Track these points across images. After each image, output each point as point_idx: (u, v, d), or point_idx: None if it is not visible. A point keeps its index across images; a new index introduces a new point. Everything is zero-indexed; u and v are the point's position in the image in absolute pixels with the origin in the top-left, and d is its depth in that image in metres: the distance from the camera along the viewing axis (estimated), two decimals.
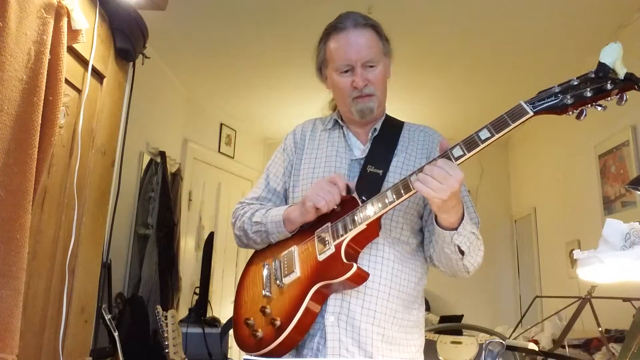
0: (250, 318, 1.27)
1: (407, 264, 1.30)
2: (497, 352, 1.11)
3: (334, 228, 1.22)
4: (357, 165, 1.34)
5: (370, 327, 1.21)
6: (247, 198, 1.48)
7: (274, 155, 1.51)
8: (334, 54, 1.33)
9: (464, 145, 1.09)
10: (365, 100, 1.32)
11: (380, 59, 1.33)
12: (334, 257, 1.18)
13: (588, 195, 3.45)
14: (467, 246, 1.18)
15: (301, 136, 1.47)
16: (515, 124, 1.03)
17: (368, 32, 1.33)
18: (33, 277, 1.40)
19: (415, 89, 4.23)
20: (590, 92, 0.97)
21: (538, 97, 1.03)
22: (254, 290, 1.33)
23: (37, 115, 1.21)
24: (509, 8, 2.97)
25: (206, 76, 4.05)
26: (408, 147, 1.37)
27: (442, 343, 2.30)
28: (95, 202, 1.71)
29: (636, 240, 1.13)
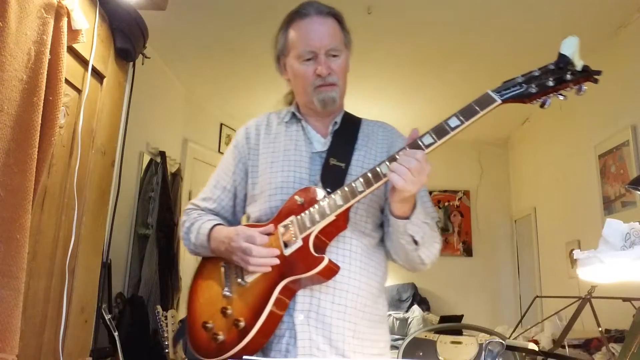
0: (209, 321, 1.20)
1: (374, 257, 1.27)
2: (497, 352, 1.11)
3: (300, 221, 1.16)
4: (318, 158, 1.29)
5: (342, 322, 1.18)
6: (197, 199, 1.41)
7: (225, 153, 1.44)
8: (296, 41, 1.28)
9: (434, 133, 1.08)
10: (328, 89, 1.27)
11: (342, 49, 1.29)
12: (302, 251, 1.13)
13: (588, 195, 3.45)
14: (421, 236, 1.17)
15: (255, 131, 1.39)
16: (484, 111, 1.06)
17: (331, 20, 1.29)
18: (33, 277, 1.40)
19: (415, 89, 4.23)
20: (552, 82, 1.02)
21: (504, 87, 1.07)
22: (212, 291, 1.25)
23: (37, 115, 1.21)
24: (509, 8, 2.97)
25: (206, 76, 4.05)
26: (368, 142, 1.34)
27: (442, 343, 2.30)
28: (95, 202, 1.71)
29: (636, 240, 1.13)
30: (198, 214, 1.36)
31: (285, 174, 1.27)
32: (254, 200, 1.32)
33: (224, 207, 1.37)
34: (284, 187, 1.26)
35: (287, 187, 1.25)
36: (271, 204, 1.25)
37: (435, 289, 5.13)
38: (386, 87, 4.22)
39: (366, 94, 4.40)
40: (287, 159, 1.30)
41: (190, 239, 1.32)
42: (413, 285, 5.01)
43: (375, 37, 3.34)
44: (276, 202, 1.25)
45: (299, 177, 1.26)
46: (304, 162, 1.29)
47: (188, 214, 1.39)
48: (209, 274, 1.30)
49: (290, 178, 1.26)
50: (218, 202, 1.37)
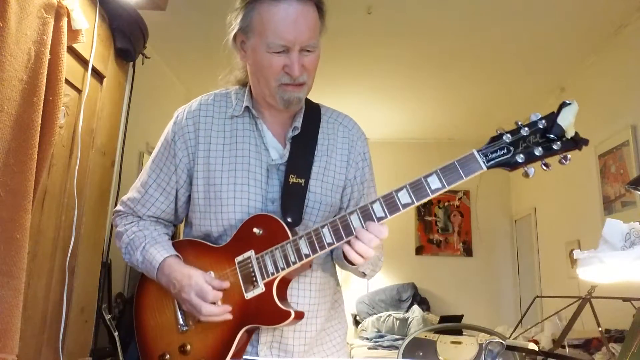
0: (165, 354, 1.12)
1: (327, 270, 1.22)
2: (497, 352, 1.11)
3: (261, 262, 1.06)
4: (275, 172, 1.15)
5: (304, 347, 1.17)
6: (129, 199, 1.22)
7: (161, 142, 1.23)
8: (266, 27, 1.05)
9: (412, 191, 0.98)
10: (295, 89, 1.10)
11: (318, 43, 1.11)
12: (265, 299, 1.05)
13: (588, 195, 3.45)
14: (371, 269, 1.16)
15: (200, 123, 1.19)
16: (467, 178, 0.97)
17: (312, 9, 1.08)
18: (33, 277, 1.40)
19: (415, 89, 4.22)
20: (540, 151, 0.96)
21: (491, 148, 0.98)
22: (163, 318, 1.15)
23: (37, 115, 1.21)
24: (509, 8, 2.97)
25: (206, 76, 4.05)
26: (328, 147, 1.20)
27: (442, 343, 2.30)
28: (95, 202, 1.71)
29: (636, 240, 1.13)
30: (138, 227, 1.19)
31: (239, 188, 1.13)
32: (200, 211, 1.17)
33: (163, 210, 1.21)
34: (236, 203, 1.12)
35: (242, 204, 1.12)
36: (223, 221, 1.13)
37: (435, 289, 5.13)
38: (386, 87, 4.22)
39: (366, 94, 4.40)
40: (241, 169, 1.14)
41: (131, 259, 1.17)
42: (413, 285, 5.01)
43: (375, 37, 3.34)
44: (229, 220, 1.13)
45: (254, 193, 1.13)
46: (259, 174, 1.14)
47: (122, 221, 1.22)
48: (159, 294, 1.16)
49: (244, 194, 1.13)
50: (157, 206, 1.20)
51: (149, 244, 1.15)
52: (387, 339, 4.24)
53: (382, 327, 4.45)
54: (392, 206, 0.99)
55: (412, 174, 1.04)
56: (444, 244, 5.36)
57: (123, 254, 1.20)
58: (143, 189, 1.20)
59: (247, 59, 1.15)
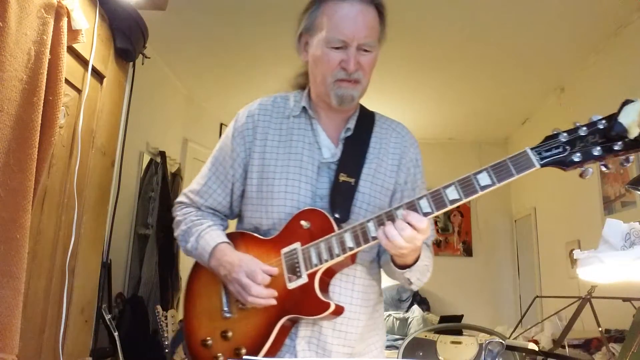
0: (207, 339, 1.16)
1: (372, 274, 1.24)
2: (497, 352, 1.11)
3: (306, 254, 1.08)
4: (326, 170, 1.18)
5: (342, 348, 1.17)
6: (190, 191, 1.29)
7: (221, 140, 1.30)
8: (328, 23, 1.12)
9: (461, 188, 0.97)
10: (350, 86, 1.14)
11: (376, 44, 1.16)
12: (307, 290, 1.07)
13: (588, 195, 3.45)
14: (417, 278, 1.15)
15: (259, 121, 1.26)
16: (519, 175, 0.94)
17: (373, 10, 1.13)
18: (33, 277, 1.40)
19: (415, 89, 4.23)
20: (599, 151, 0.91)
21: (545, 146, 0.94)
22: (210, 303, 1.19)
23: (37, 115, 1.21)
24: (509, 8, 2.97)
25: (206, 76, 4.05)
26: (380, 151, 1.23)
27: (442, 343, 2.30)
28: (95, 202, 1.71)
29: (636, 240, 1.13)
30: (195, 216, 1.26)
31: (290, 183, 1.17)
32: (252, 204, 1.22)
33: (220, 202, 1.27)
34: (287, 197, 1.16)
35: (292, 198, 1.16)
36: (273, 215, 1.17)
37: (435, 289, 5.13)
38: (386, 87, 4.21)
39: (365, 94, 4.39)
40: (293, 165, 1.18)
41: (186, 246, 1.23)
42: None
43: None
44: (278, 213, 1.17)
45: (304, 189, 1.16)
46: (311, 171, 1.18)
47: (182, 211, 1.28)
48: (207, 281, 1.21)
49: (295, 189, 1.16)
50: (214, 197, 1.26)
51: (204, 231, 1.21)
52: (387, 339, 4.24)
53: None
54: (439, 202, 0.98)
55: None
56: (444, 244, 5.37)
57: (179, 241, 1.26)
58: (202, 180, 1.28)
59: (307, 57, 1.21)
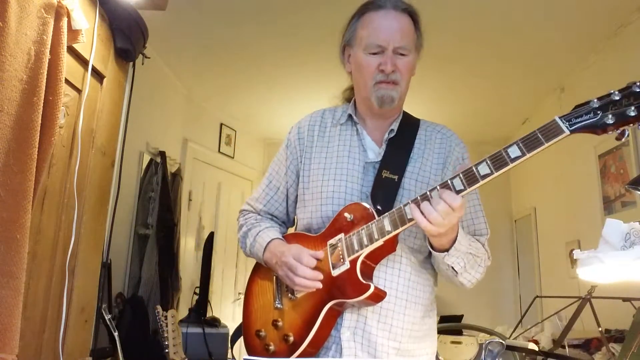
0: (261, 330, 1.25)
1: (422, 274, 1.26)
2: (497, 352, 1.11)
3: (348, 242, 1.15)
4: (371, 169, 1.26)
5: (387, 341, 1.18)
6: (250, 199, 1.43)
7: (277, 153, 1.42)
8: (365, 32, 1.23)
9: (492, 162, 0.98)
10: (389, 86, 1.21)
11: (412, 49, 1.24)
12: (349, 274, 1.13)
13: (588, 195, 3.45)
14: (462, 266, 1.16)
15: (308, 131, 1.35)
16: (550, 143, 0.93)
17: (406, 18, 1.24)
18: (33, 277, 1.40)
19: (415, 89, 4.22)
20: (634, 111, 0.86)
21: (574, 113, 0.92)
22: (264, 299, 1.29)
23: (37, 115, 1.21)
24: (509, 8, 2.97)
25: (206, 76, 4.05)
26: (425, 151, 1.28)
27: (442, 343, 2.30)
28: (95, 202, 1.71)
29: (636, 240, 1.13)
30: (255, 219, 1.38)
31: (337, 184, 1.25)
32: (304, 206, 1.31)
33: (277, 208, 1.39)
34: (334, 197, 1.24)
35: (339, 197, 1.23)
36: (322, 213, 1.25)
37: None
38: None
39: None
40: (340, 167, 1.26)
41: (246, 244, 1.34)
42: None
43: None
44: (327, 212, 1.24)
45: (350, 188, 1.24)
46: (356, 172, 1.25)
47: (245, 216, 1.41)
48: (263, 280, 1.32)
49: (342, 188, 1.24)
50: (272, 203, 1.38)
51: (262, 231, 1.32)
52: None
53: None
54: (470, 178, 1.00)
55: None
56: None
57: (240, 242, 1.38)
58: (261, 189, 1.41)
59: (351, 67, 1.31)
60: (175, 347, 2.16)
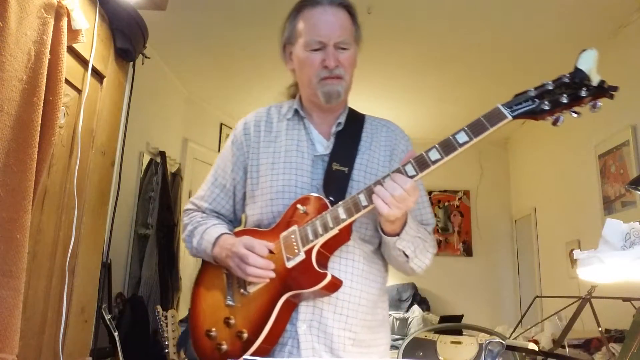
0: (212, 329, 1.20)
1: (374, 264, 1.26)
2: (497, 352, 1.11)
3: (302, 232, 1.14)
4: (320, 162, 1.26)
5: (343, 332, 1.19)
6: (195, 198, 1.39)
7: (222, 149, 1.39)
8: (305, 29, 1.23)
9: (441, 148, 1.04)
10: (334, 82, 1.22)
11: (352, 42, 1.25)
12: (305, 265, 1.12)
13: (588, 195, 3.45)
14: (412, 250, 1.17)
15: (254, 126, 1.34)
16: (494, 128, 1.01)
17: (343, 12, 1.25)
18: (33, 277, 1.40)
19: (415, 89, 4.23)
20: (566, 98, 0.96)
21: (515, 101, 1.01)
22: (214, 298, 1.25)
23: (37, 115, 1.21)
24: (508, 8, 2.97)
25: (206, 76, 4.05)
26: (372, 143, 1.30)
27: (442, 343, 2.30)
28: (95, 202, 1.71)
29: (636, 240, 1.13)
30: (201, 217, 1.34)
31: (287, 178, 1.24)
32: (254, 202, 1.28)
33: (223, 206, 1.35)
34: (285, 191, 1.23)
35: (289, 191, 1.22)
36: (272, 208, 1.23)
37: (435, 289, 5.13)
38: (386, 87, 4.22)
39: (366, 94, 4.40)
40: (288, 161, 1.26)
41: (192, 242, 1.30)
42: (413, 285, 5.01)
43: (375, 37, 3.33)
44: (277, 206, 1.22)
45: (301, 181, 1.23)
46: (306, 165, 1.25)
47: (189, 215, 1.37)
48: (212, 279, 1.28)
49: (292, 182, 1.23)
50: (218, 201, 1.35)
51: (209, 228, 1.28)
52: None
53: None
54: (422, 164, 1.05)
55: None
56: (444, 244, 5.37)
57: (186, 242, 1.34)
58: (206, 187, 1.38)
59: (292, 65, 1.31)
60: (175, 347, 2.16)
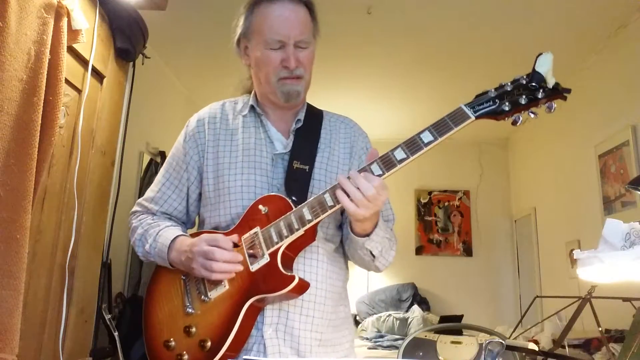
0: (170, 340, 1.14)
1: (336, 263, 1.25)
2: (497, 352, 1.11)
3: (266, 234, 1.10)
4: (280, 161, 1.22)
5: (309, 333, 1.17)
6: (143, 199, 1.31)
7: (174, 147, 1.34)
8: (264, 26, 1.18)
9: (407, 147, 1.04)
10: (294, 82, 1.19)
11: (311, 40, 1.22)
12: (270, 268, 1.08)
13: (588, 195, 3.45)
14: (379, 250, 1.16)
15: (208, 123, 1.29)
16: (458, 128, 1.03)
17: (303, 9, 1.20)
18: (33, 277, 1.40)
19: (414, 89, 4.23)
20: (525, 99, 1.00)
21: (477, 101, 1.05)
22: (171, 306, 1.18)
23: (37, 115, 1.21)
24: (508, 8, 2.97)
25: (206, 76, 4.05)
26: (331, 140, 1.27)
27: (442, 343, 2.30)
28: (95, 202, 1.71)
29: (636, 240, 1.13)
30: (152, 219, 1.26)
31: (245, 177, 1.19)
32: (210, 203, 1.23)
33: (175, 208, 1.28)
34: (243, 191, 1.18)
35: (249, 192, 1.18)
36: (231, 209, 1.18)
37: (435, 289, 5.13)
38: (385, 86, 4.22)
39: (365, 94, 4.40)
40: (247, 160, 1.21)
41: (145, 248, 1.22)
42: (413, 285, 5.01)
43: (375, 37, 3.34)
44: (237, 208, 1.17)
45: (260, 181, 1.19)
46: (265, 164, 1.21)
47: (138, 218, 1.28)
48: (167, 286, 1.20)
49: (251, 182, 1.19)
50: (169, 203, 1.28)
51: (162, 230, 1.21)
52: (387, 339, 4.24)
53: (382, 327, 4.45)
54: (388, 163, 1.05)
55: (412, 173, 1.06)
56: (444, 244, 5.37)
57: (136, 246, 1.24)
58: (156, 187, 1.30)
59: (250, 61, 1.27)
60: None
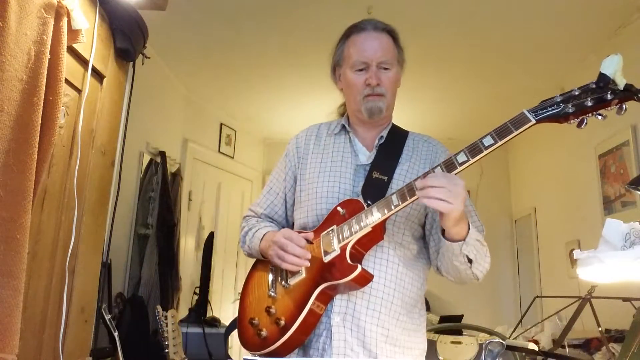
0: (254, 318, 1.30)
1: (410, 268, 1.33)
2: (497, 352, 1.11)
3: (339, 230, 1.25)
4: (362, 171, 1.38)
5: (375, 327, 1.25)
6: (252, 205, 1.56)
7: (277, 162, 1.56)
8: (351, 52, 1.38)
9: (468, 151, 1.11)
10: (375, 99, 1.36)
11: (394, 63, 1.38)
12: (339, 259, 1.21)
13: (588, 195, 3.45)
14: (474, 254, 1.22)
15: (305, 141, 1.50)
16: (518, 131, 1.07)
17: (386, 36, 1.39)
18: (33, 277, 1.40)
19: (415, 89, 4.22)
20: (591, 101, 1.00)
21: (540, 106, 1.06)
22: (260, 292, 1.37)
23: (37, 115, 1.21)
24: (509, 8, 2.97)
25: (206, 76, 4.05)
26: (412, 156, 1.40)
27: (442, 343, 2.30)
28: (95, 202, 1.71)
29: (636, 240, 1.13)
30: (256, 221, 1.50)
31: (330, 184, 1.37)
32: (300, 207, 1.42)
33: (276, 212, 1.51)
34: (328, 196, 1.35)
35: (332, 196, 1.34)
36: (316, 212, 1.36)
37: (435, 289, 5.13)
38: None
39: None
40: (333, 170, 1.39)
41: (245, 242, 1.45)
42: None
43: None
44: (321, 210, 1.35)
45: (342, 188, 1.35)
46: (348, 173, 1.38)
47: (247, 220, 1.53)
48: (259, 274, 1.41)
49: (335, 188, 1.35)
50: (271, 207, 1.51)
51: (260, 228, 1.43)
52: None
53: None
54: (450, 166, 1.12)
55: None
56: None
57: (241, 243, 1.48)
58: (262, 195, 1.54)
59: (341, 85, 1.46)
60: (175, 347, 2.16)
